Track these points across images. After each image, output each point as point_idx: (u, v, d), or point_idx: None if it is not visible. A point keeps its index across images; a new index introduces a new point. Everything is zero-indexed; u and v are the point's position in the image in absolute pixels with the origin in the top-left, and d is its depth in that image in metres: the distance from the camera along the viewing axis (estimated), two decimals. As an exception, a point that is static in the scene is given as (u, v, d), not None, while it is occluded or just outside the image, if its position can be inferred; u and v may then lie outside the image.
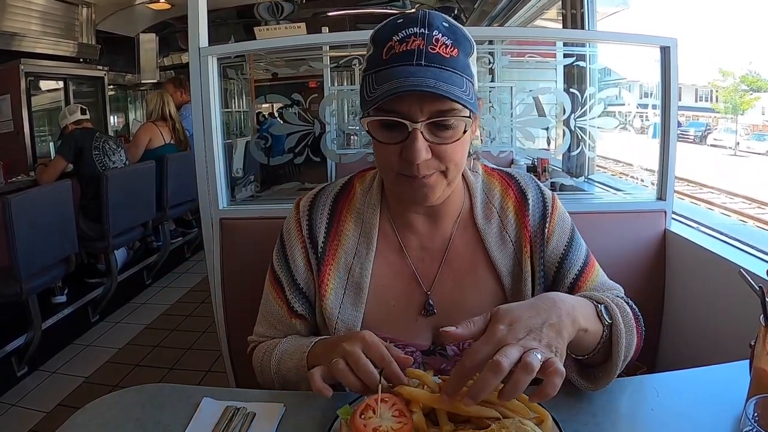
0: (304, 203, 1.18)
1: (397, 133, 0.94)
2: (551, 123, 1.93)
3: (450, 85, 0.89)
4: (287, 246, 1.17)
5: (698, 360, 1.14)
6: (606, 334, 0.90)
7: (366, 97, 0.94)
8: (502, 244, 1.12)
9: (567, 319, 0.81)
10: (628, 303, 1.04)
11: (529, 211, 1.13)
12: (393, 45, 0.93)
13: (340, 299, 1.10)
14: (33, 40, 5.74)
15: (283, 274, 1.17)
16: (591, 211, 1.73)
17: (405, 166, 0.95)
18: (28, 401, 3.01)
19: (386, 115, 0.93)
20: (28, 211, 2.99)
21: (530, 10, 5.26)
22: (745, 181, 12.35)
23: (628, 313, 0.97)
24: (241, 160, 2.20)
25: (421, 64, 0.91)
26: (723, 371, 1.03)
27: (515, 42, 2.01)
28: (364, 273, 1.10)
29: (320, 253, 1.13)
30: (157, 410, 0.94)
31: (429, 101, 0.90)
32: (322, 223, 1.14)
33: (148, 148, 4.88)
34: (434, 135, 0.93)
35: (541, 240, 1.12)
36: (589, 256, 1.15)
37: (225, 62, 1.79)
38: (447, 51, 0.93)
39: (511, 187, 1.16)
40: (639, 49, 1.84)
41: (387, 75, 0.91)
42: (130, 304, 4.47)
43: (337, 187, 1.19)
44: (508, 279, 1.10)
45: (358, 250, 1.11)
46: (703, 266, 1.61)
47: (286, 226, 1.19)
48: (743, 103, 19.50)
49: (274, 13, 7.00)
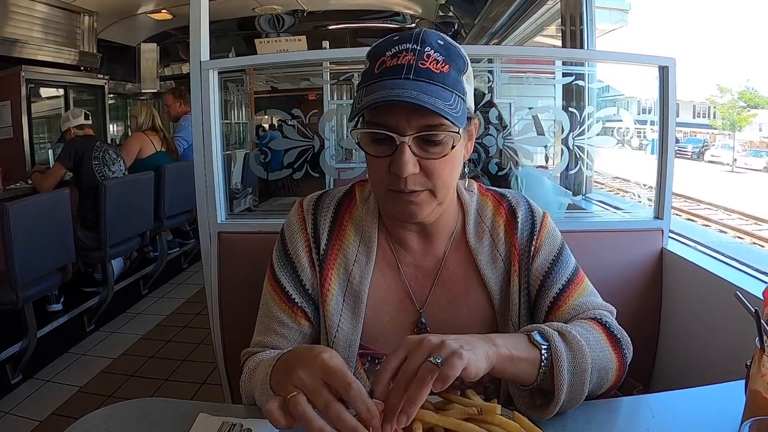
0: (308, 202, 1.17)
1: (386, 146, 0.94)
2: (550, 141, 1.94)
3: (434, 98, 0.89)
4: (290, 244, 1.15)
5: (695, 379, 1.14)
6: (546, 357, 0.89)
7: (354, 107, 0.95)
8: (493, 263, 1.12)
9: (480, 340, 0.83)
10: (606, 325, 1.03)
11: (518, 227, 1.13)
12: (385, 60, 0.94)
13: (341, 306, 1.09)
14: (34, 47, 5.76)
15: (285, 274, 1.13)
16: (588, 230, 1.74)
17: (393, 181, 0.96)
18: (21, 409, 2.99)
19: (374, 128, 0.94)
20: (26, 219, 2.99)
21: (530, 26, 5.29)
22: (742, 198, 12.40)
23: (596, 336, 0.97)
24: (240, 172, 2.21)
25: (410, 78, 0.91)
26: (719, 391, 1.03)
27: (514, 60, 2.02)
28: (364, 281, 1.09)
29: (322, 253, 1.12)
30: (153, 425, 0.93)
31: (417, 115, 0.91)
32: (326, 223, 1.14)
33: (140, 157, 4.89)
34: (422, 150, 0.94)
35: (528, 255, 1.12)
36: (577, 275, 1.14)
37: (226, 76, 1.80)
38: (437, 67, 0.93)
39: (502, 206, 1.16)
40: (638, 66, 1.85)
41: (375, 88, 0.91)
42: (125, 314, 4.45)
43: (340, 192, 1.19)
44: (498, 298, 1.10)
45: (358, 258, 1.11)
46: (699, 285, 1.61)
47: (288, 224, 1.17)
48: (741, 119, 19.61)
49: (275, 25, 7.05)
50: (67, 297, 4.02)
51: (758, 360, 0.82)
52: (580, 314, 1.08)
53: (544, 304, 1.10)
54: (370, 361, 1.08)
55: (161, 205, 4.66)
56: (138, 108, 5.20)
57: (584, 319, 1.05)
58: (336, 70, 1.99)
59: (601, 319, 1.05)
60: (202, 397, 3.04)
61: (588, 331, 0.97)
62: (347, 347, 1.07)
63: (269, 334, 1.13)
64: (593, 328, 1.00)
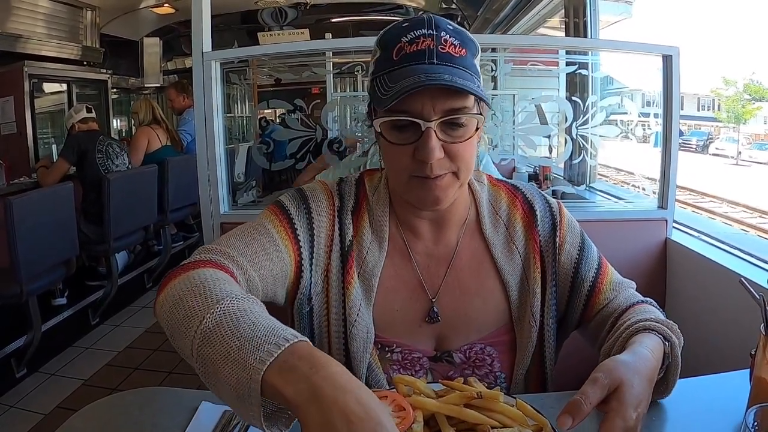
0: (331, 184, 1.13)
1: (410, 133, 0.93)
2: (553, 131, 1.93)
3: (463, 80, 0.89)
4: (312, 202, 1.08)
5: (699, 368, 1.13)
6: (667, 361, 0.91)
7: (381, 95, 0.93)
8: (510, 256, 1.11)
9: (648, 388, 0.81)
10: (654, 305, 1.08)
11: (538, 223, 1.12)
12: (403, 46, 0.94)
13: (361, 295, 1.06)
14: (37, 42, 5.76)
15: (298, 213, 1.06)
16: (592, 219, 1.74)
17: (418, 167, 0.95)
18: (26, 403, 3.00)
19: (399, 116, 0.93)
20: (30, 213, 3.00)
21: (533, 18, 5.28)
22: (746, 191, 12.38)
23: (671, 324, 0.97)
24: (243, 165, 2.20)
25: (434, 62, 0.91)
26: (724, 380, 1.03)
27: (518, 50, 2.01)
28: (375, 271, 1.07)
29: (348, 244, 1.08)
30: (156, 414, 0.93)
31: (442, 99, 0.90)
32: (349, 208, 1.10)
33: (147, 152, 4.89)
34: (446, 134, 0.93)
35: (553, 250, 1.12)
36: (601, 257, 1.16)
37: (228, 67, 1.80)
38: (456, 51, 0.93)
39: (518, 199, 1.15)
40: (641, 57, 1.84)
41: (400, 74, 0.91)
42: (130, 307, 4.46)
43: (353, 180, 1.16)
44: (514, 291, 1.09)
45: (371, 247, 1.09)
46: (703, 275, 1.61)
47: (311, 190, 1.11)
48: (745, 112, 19.53)
49: (277, 18, 7.04)
50: (72, 291, 4.05)
51: (763, 346, 0.82)
52: (620, 294, 1.11)
53: (582, 291, 1.11)
54: (381, 348, 1.08)
55: (165, 198, 4.67)
56: (137, 104, 5.19)
57: (644, 304, 1.09)
58: (339, 62, 1.99)
59: (649, 301, 1.10)
60: (206, 390, 3.05)
61: (669, 325, 0.97)
62: (366, 335, 1.05)
63: (245, 241, 0.98)
64: (662, 318, 1.00)
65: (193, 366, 0.71)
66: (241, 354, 0.65)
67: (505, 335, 1.08)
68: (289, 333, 0.68)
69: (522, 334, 1.07)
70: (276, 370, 0.63)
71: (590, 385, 0.75)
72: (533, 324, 1.07)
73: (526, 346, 1.06)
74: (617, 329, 0.99)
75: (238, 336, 0.67)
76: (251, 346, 0.65)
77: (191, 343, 0.70)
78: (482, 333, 1.07)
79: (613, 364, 0.80)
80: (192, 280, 0.80)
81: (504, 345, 1.07)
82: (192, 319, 0.72)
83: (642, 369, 0.82)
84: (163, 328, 0.78)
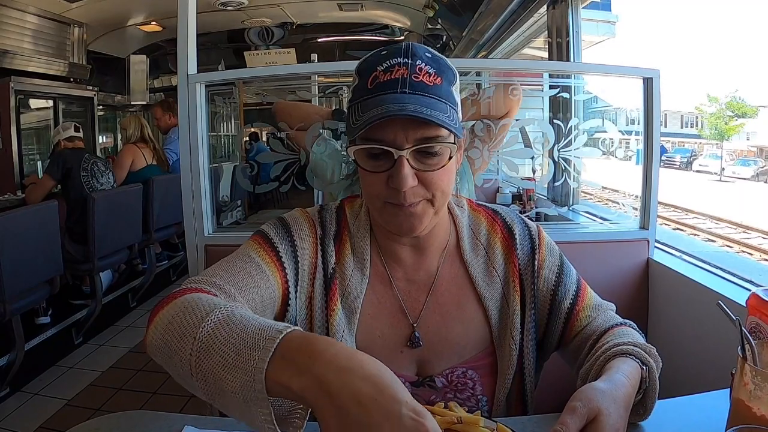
0: (312, 211, 1.14)
1: (384, 161, 0.94)
2: (536, 153, 1.95)
3: (432, 110, 0.90)
4: (294, 229, 1.09)
5: (680, 388, 1.14)
6: (645, 385, 0.92)
7: (352, 125, 0.95)
8: (490, 280, 1.12)
9: (624, 415, 0.84)
10: (633, 327, 1.10)
11: (517, 247, 1.13)
12: (378, 75, 0.95)
13: (343, 323, 1.07)
14: (24, 58, 5.76)
15: (281, 240, 1.06)
16: (575, 241, 1.75)
17: (392, 194, 0.95)
18: (9, 423, 2.95)
19: (372, 144, 0.93)
20: (14, 231, 2.97)
21: (518, 39, 5.34)
22: (730, 207, 12.52)
23: (649, 348, 0.99)
24: (228, 185, 2.20)
25: (405, 91, 0.91)
26: (704, 400, 1.03)
27: (502, 73, 2.03)
28: (358, 298, 1.08)
29: (331, 271, 1.08)
30: (138, 439, 0.93)
31: (413, 128, 0.91)
32: (331, 236, 1.11)
33: (132, 170, 4.87)
34: (420, 162, 0.94)
35: (532, 273, 1.12)
36: (580, 280, 1.17)
37: (213, 89, 1.80)
38: (430, 79, 0.94)
39: (497, 223, 1.16)
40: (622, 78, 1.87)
41: (372, 103, 0.92)
42: (114, 326, 4.41)
43: (333, 208, 1.16)
44: (495, 315, 1.10)
45: (353, 275, 1.09)
46: (685, 295, 1.63)
47: (293, 217, 1.11)
48: (729, 128, 19.78)
49: (264, 38, 7.08)
50: (55, 310, 4.00)
51: (741, 369, 0.83)
52: (598, 316, 1.13)
53: (560, 314, 1.12)
54: None
55: (150, 217, 4.64)
56: (127, 120, 5.18)
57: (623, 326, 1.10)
58: (324, 83, 2.00)
59: (629, 324, 1.12)
60: (190, 411, 3.00)
61: (647, 349, 0.99)
62: None
63: (231, 271, 0.97)
64: (640, 342, 1.01)
65: (194, 388, 0.72)
66: (239, 359, 0.66)
67: (486, 359, 1.08)
68: (280, 324, 0.69)
69: (503, 358, 1.07)
70: (277, 365, 0.64)
71: (569, 415, 0.77)
72: (514, 347, 1.07)
73: (507, 369, 1.06)
74: (594, 352, 1.00)
75: (232, 342, 0.68)
76: (247, 348, 0.66)
77: (189, 362, 0.71)
78: (464, 357, 1.08)
79: (591, 392, 0.82)
80: (180, 303, 0.80)
81: (485, 368, 1.08)
82: (186, 337, 0.73)
83: (618, 396, 0.83)
84: (158, 357, 0.78)
